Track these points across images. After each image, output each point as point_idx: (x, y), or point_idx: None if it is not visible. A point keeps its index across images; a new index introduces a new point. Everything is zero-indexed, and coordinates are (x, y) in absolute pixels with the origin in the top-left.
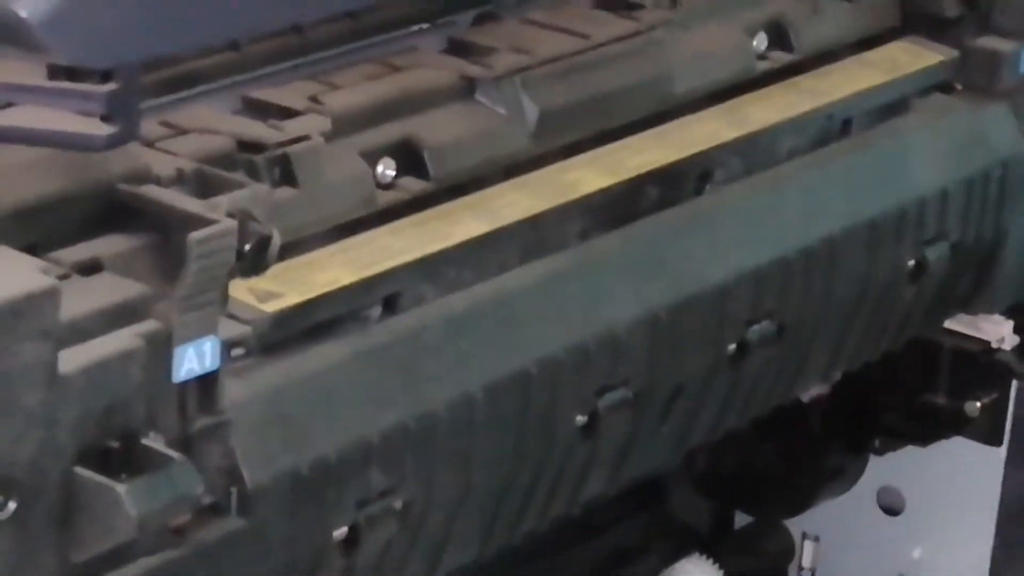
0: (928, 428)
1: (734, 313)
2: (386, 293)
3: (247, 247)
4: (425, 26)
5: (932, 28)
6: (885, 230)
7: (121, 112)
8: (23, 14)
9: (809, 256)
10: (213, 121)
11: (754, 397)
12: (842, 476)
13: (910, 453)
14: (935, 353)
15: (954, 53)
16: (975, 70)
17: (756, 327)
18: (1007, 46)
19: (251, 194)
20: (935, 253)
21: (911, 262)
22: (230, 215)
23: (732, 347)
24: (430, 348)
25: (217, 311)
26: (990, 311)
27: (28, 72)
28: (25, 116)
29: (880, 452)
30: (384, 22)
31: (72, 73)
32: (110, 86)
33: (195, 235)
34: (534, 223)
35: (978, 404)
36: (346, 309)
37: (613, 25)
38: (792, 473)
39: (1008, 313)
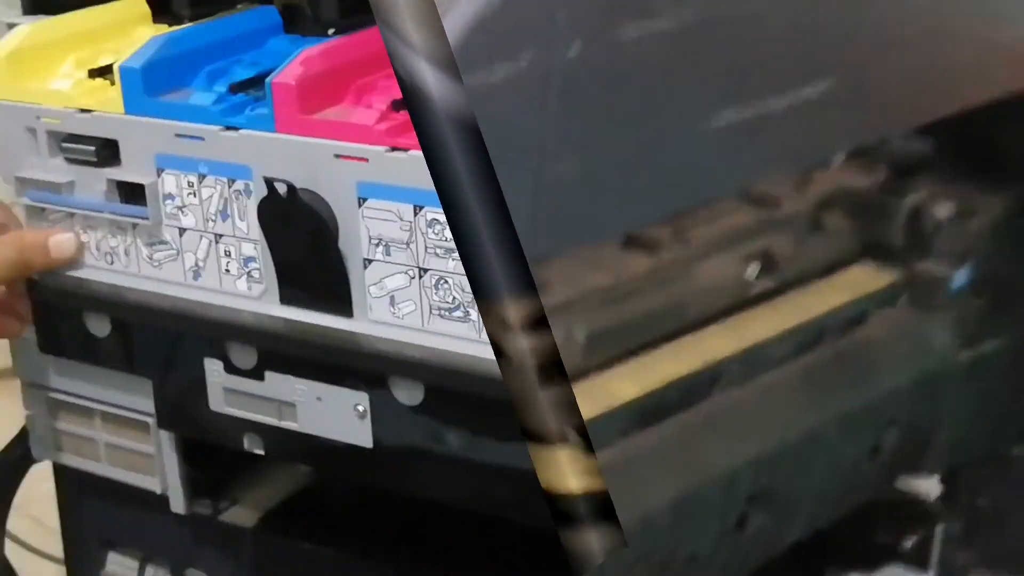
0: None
1: (738, 491)
2: None
3: None
4: None
5: (880, 256)
6: (851, 420)
7: None
8: None
9: (796, 443)
10: None
11: (750, 555)
12: None
13: None
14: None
15: (900, 275)
16: (920, 289)
17: (754, 501)
18: (942, 269)
19: None
20: (889, 437)
21: (871, 444)
22: None
23: (735, 517)
24: None
25: None
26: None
27: None
28: None
29: None
30: None
31: None
32: None
33: None
34: None
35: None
36: None
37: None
38: None
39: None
